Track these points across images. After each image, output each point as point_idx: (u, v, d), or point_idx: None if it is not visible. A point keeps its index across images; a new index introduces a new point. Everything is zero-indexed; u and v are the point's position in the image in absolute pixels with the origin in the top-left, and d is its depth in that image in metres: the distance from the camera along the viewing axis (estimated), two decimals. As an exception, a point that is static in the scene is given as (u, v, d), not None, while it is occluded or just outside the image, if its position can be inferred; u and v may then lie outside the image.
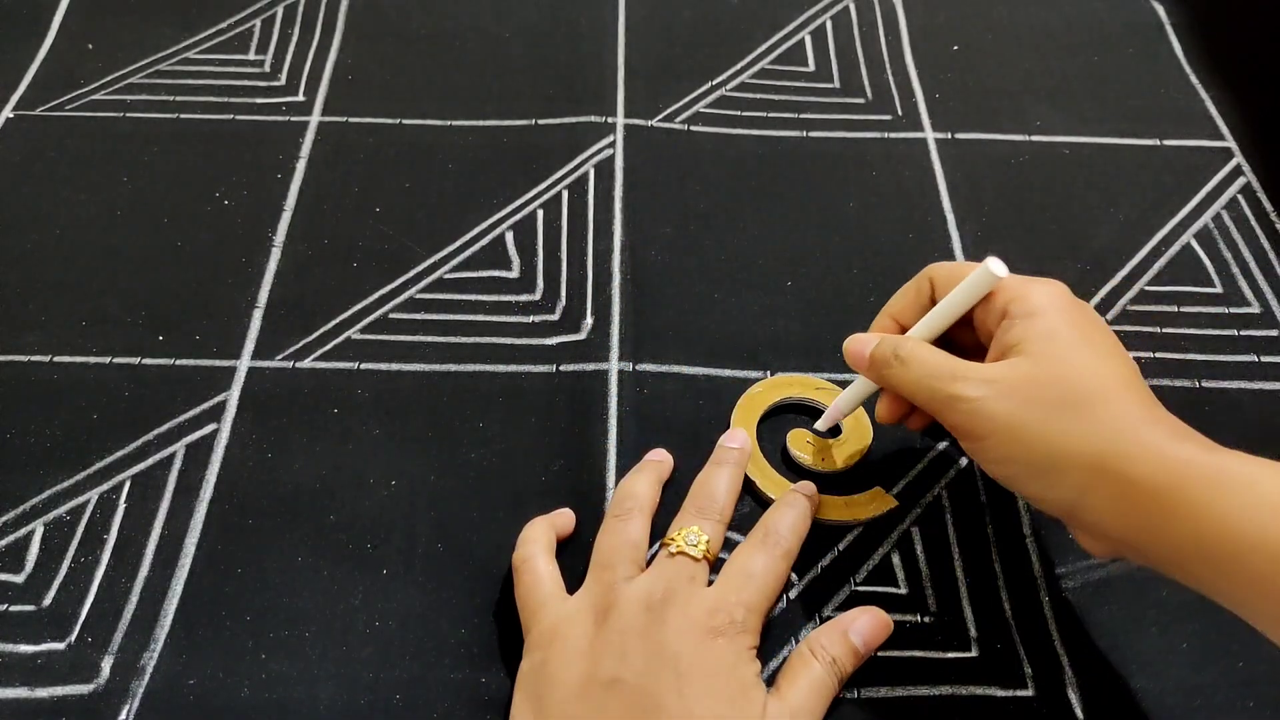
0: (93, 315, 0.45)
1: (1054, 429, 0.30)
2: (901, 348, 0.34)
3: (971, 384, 0.32)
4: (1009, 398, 0.31)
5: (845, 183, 0.52)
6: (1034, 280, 0.34)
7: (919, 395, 0.34)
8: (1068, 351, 0.31)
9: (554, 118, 0.54)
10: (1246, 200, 0.51)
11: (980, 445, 0.32)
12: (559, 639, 0.33)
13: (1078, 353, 0.31)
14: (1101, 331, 0.33)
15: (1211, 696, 0.36)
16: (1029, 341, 0.32)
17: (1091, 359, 0.31)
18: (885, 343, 0.35)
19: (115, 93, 0.55)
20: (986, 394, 0.31)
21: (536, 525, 0.38)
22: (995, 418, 0.31)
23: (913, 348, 0.34)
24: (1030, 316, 0.32)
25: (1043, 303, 0.33)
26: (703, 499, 0.37)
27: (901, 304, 0.37)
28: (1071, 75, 0.58)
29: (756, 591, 0.34)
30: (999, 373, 0.32)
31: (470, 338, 0.45)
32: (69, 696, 0.35)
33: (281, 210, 0.50)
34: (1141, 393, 0.31)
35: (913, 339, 0.35)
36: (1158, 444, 0.29)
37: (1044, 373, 0.31)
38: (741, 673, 0.32)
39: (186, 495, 0.40)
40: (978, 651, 0.36)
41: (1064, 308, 0.33)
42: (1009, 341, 0.32)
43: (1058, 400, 0.31)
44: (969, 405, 0.32)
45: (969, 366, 0.33)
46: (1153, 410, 0.31)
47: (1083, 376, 0.31)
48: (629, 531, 0.36)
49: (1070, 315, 0.33)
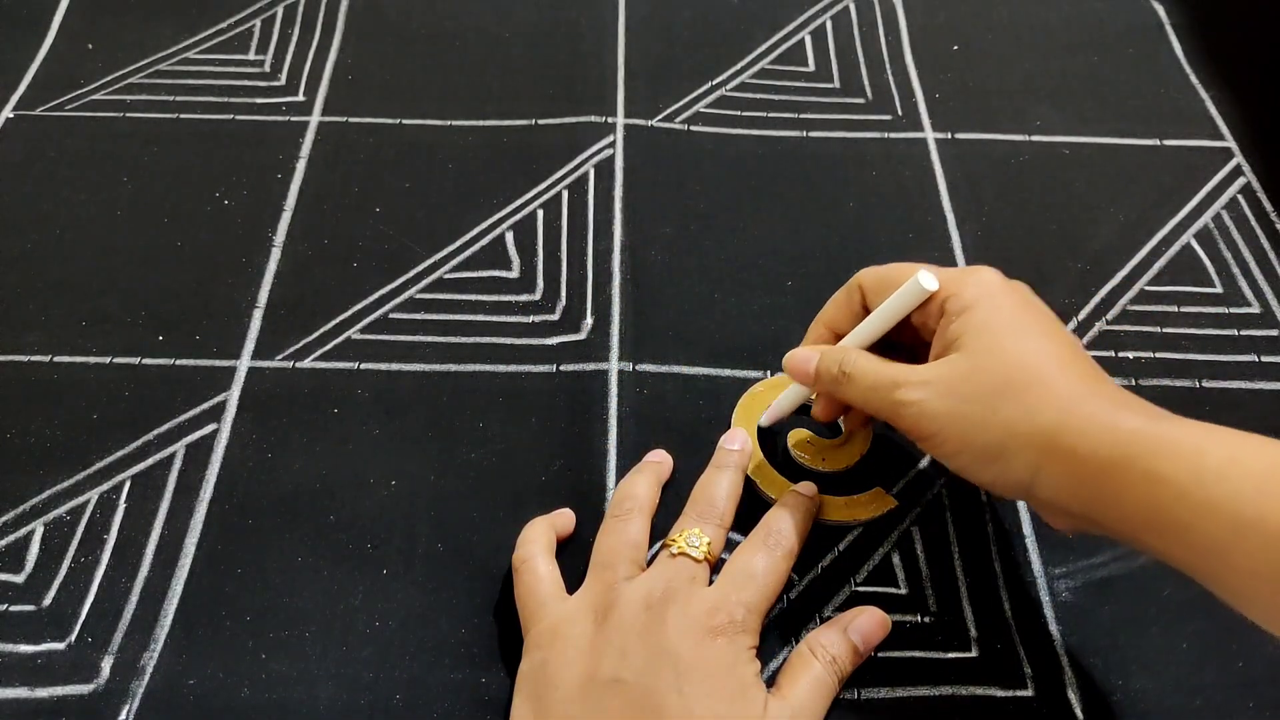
0: (93, 315, 0.45)
1: (997, 417, 0.31)
2: (845, 363, 0.35)
3: (912, 388, 0.33)
4: (949, 395, 0.32)
5: (845, 183, 0.52)
6: (966, 272, 0.35)
7: (868, 406, 0.35)
8: (1002, 340, 0.32)
9: (554, 118, 0.54)
10: (1246, 200, 0.51)
11: (931, 442, 0.33)
12: (559, 639, 0.33)
13: (1012, 339, 0.32)
14: (1036, 313, 0.34)
15: (1212, 697, 0.36)
16: (965, 336, 0.33)
17: (1026, 343, 0.32)
18: (827, 358, 0.36)
19: (115, 93, 0.55)
20: (927, 395, 0.32)
21: (536, 525, 0.38)
22: (938, 416, 0.32)
23: (854, 360, 0.35)
24: (964, 312, 0.33)
25: (975, 295, 0.33)
26: (704, 503, 0.37)
27: (834, 313, 0.38)
28: (1071, 75, 0.58)
29: (757, 591, 0.34)
30: (937, 372, 0.33)
31: (470, 338, 0.45)
32: (69, 696, 0.35)
33: (281, 210, 0.50)
34: (1082, 367, 0.32)
35: (852, 350, 0.36)
36: (1103, 416, 0.30)
37: (980, 364, 0.32)
38: (741, 672, 0.32)
39: (186, 495, 0.40)
40: (978, 651, 0.36)
41: (996, 296, 0.33)
42: (948, 339, 0.33)
43: (996, 388, 0.31)
44: (914, 409, 0.33)
45: (908, 371, 0.33)
46: (1095, 384, 0.31)
47: (1018, 362, 0.32)
48: (629, 532, 0.36)
49: (1002, 303, 0.33)
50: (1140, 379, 0.44)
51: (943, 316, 0.34)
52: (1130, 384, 0.44)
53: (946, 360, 0.33)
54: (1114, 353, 0.45)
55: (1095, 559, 0.39)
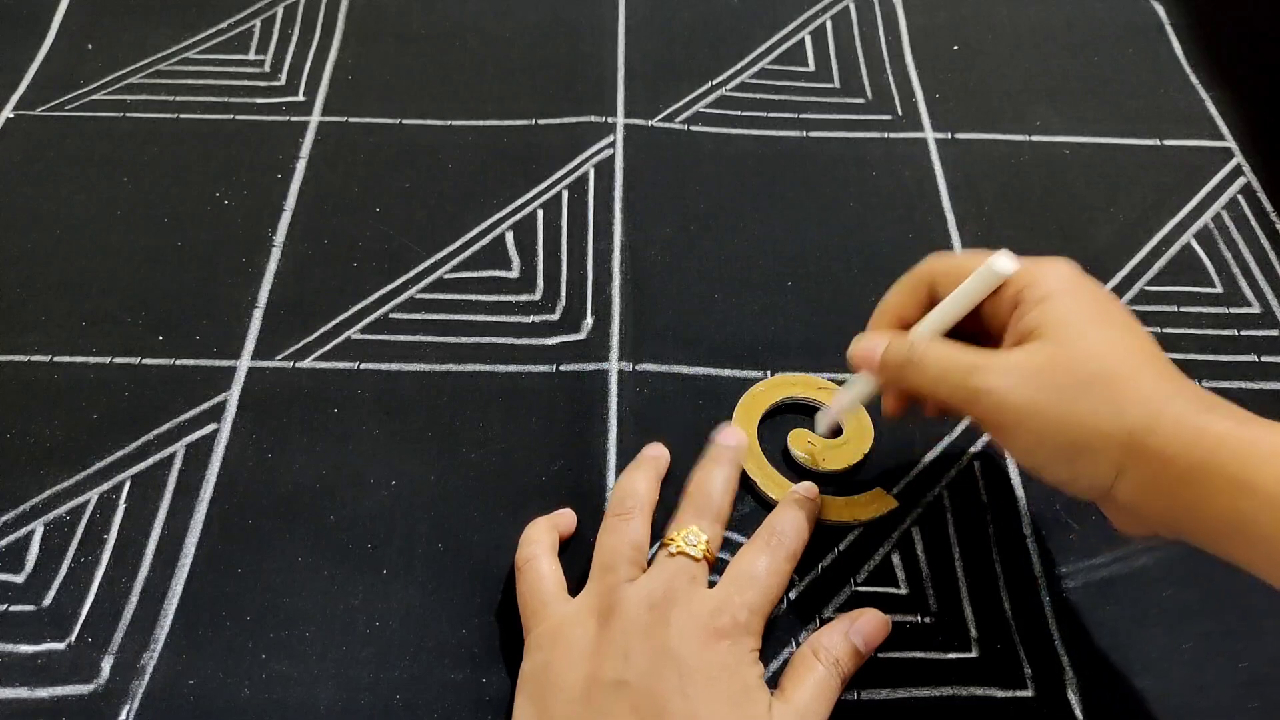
0: (93, 315, 0.45)
1: (1081, 411, 0.30)
2: (915, 347, 0.34)
3: (993, 374, 0.31)
4: (1032, 384, 0.30)
5: (845, 183, 0.52)
6: (1043, 262, 0.33)
7: (939, 392, 0.33)
8: (1086, 331, 0.31)
9: (554, 118, 0.54)
10: (1246, 200, 0.51)
11: (1008, 435, 0.32)
12: (562, 640, 0.33)
13: (1096, 332, 0.31)
14: (1117, 308, 0.33)
15: (1214, 697, 0.35)
16: (1046, 326, 0.31)
17: (1111, 336, 0.31)
18: (897, 343, 0.34)
19: (115, 93, 0.55)
20: (1009, 383, 0.31)
21: (538, 526, 0.38)
22: (1020, 406, 0.30)
23: (926, 346, 0.33)
24: (1044, 300, 0.32)
25: (1056, 285, 0.32)
26: (700, 498, 0.37)
27: (902, 300, 0.36)
28: (1071, 75, 0.58)
29: (760, 593, 0.34)
30: (1019, 360, 0.31)
31: (470, 338, 0.45)
32: (69, 696, 0.35)
33: (281, 210, 0.50)
34: (1164, 365, 0.31)
35: (924, 336, 0.34)
36: (1191, 417, 0.29)
37: (1065, 355, 0.30)
38: (745, 674, 0.32)
39: (186, 495, 0.40)
40: (978, 652, 0.36)
41: (1077, 288, 0.32)
42: (1025, 328, 0.32)
43: (1082, 381, 0.30)
44: (993, 397, 0.31)
45: (987, 356, 0.32)
46: (1178, 382, 0.30)
47: (1104, 355, 0.30)
48: (630, 532, 0.36)
49: (1084, 294, 0.32)
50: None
51: (1019, 305, 0.32)
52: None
53: (1028, 348, 0.31)
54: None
55: (1095, 559, 0.39)
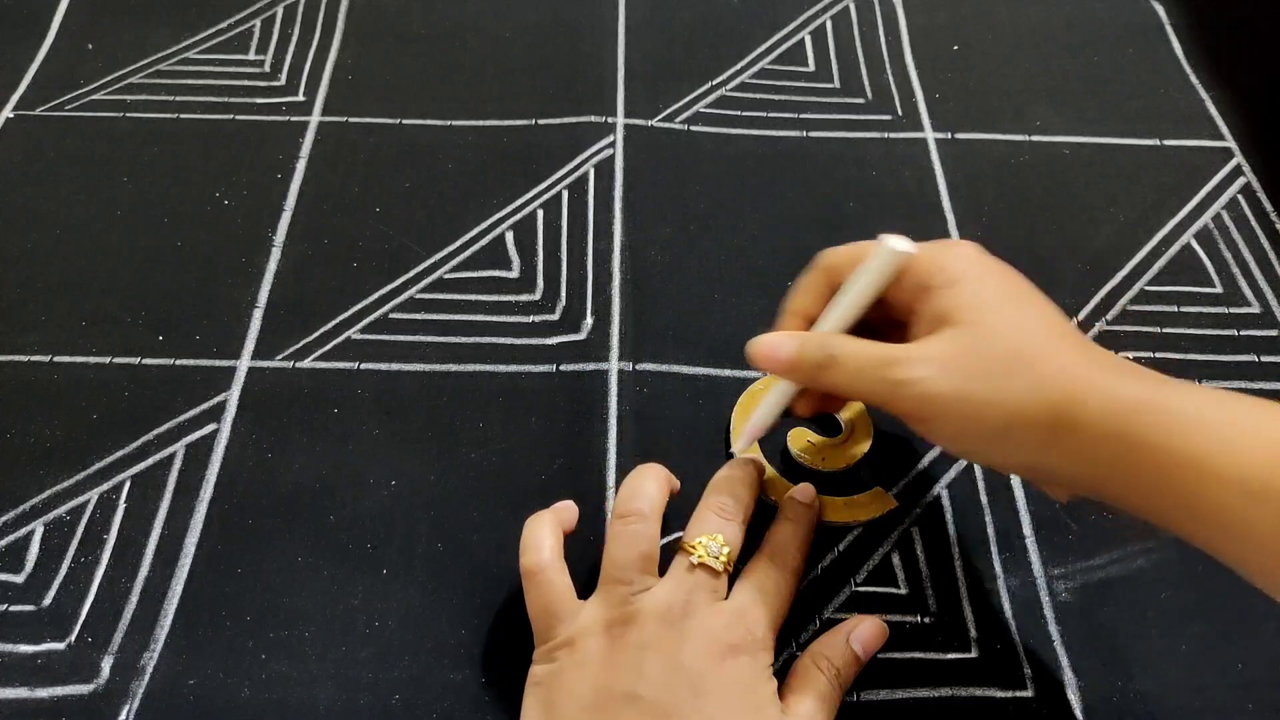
0: (93, 315, 0.45)
1: (1004, 392, 0.30)
2: (829, 345, 0.33)
3: (912, 365, 0.31)
4: (952, 371, 0.30)
5: (845, 183, 0.52)
6: (944, 245, 0.34)
7: (859, 389, 0.33)
8: (998, 313, 0.31)
9: (554, 118, 0.54)
10: (1246, 200, 0.51)
11: (933, 425, 0.31)
12: (575, 650, 0.32)
13: (1008, 312, 0.31)
14: (1024, 286, 0.33)
15: (1211, 698, 0.36)
16: (957, 311, 0.31)
17: (1022, 315, 0.31)
18: (811, 343, 0.34)
19: (115, 93, 0.55)
20: (929, 373, 0.30)
21: (543, 527, 0.36)
22: (943, 395, 0.30)
23: (839, 343, 0.33)
24: (952, 285, 0.32)
25: (962, 268, 0.32)
26: (725, 497, 0.36)
27: (804, 299, 0.36)
28: (1071, 75, 0.58)
29: (770, 608, 0.34)
30: (937, 349, 0.31)
31: (470, 338, 0.45)
32: (69, 696, 0.35)
33: (281, 210, 0.50)
34: (1076, 338, 0.31)
35: (835, 334, 0.34)
36: (1107, 387, 0.29)
37: (981, 338, 0.30)
38: (759, 691, 0.32)
39: (186, 495, 0.40)
40: (977, 652, 0.37)
41: (983, 270, 0.32)
42: (936, 315, 0.32)
43: (1001, 363, 0.30)
44: (915, 389, 0.31)
45: (903, 349, 0.31)
46: (1092, 353, 0.31)
47: (1018, 334, 0.31)
48: (639, 540, 0.34)
49: (991, 276, 0.32)
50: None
51: (926, 292, 0.32)
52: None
53: (944, 336, 0.31)
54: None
55: (1095, 560, 0.39)
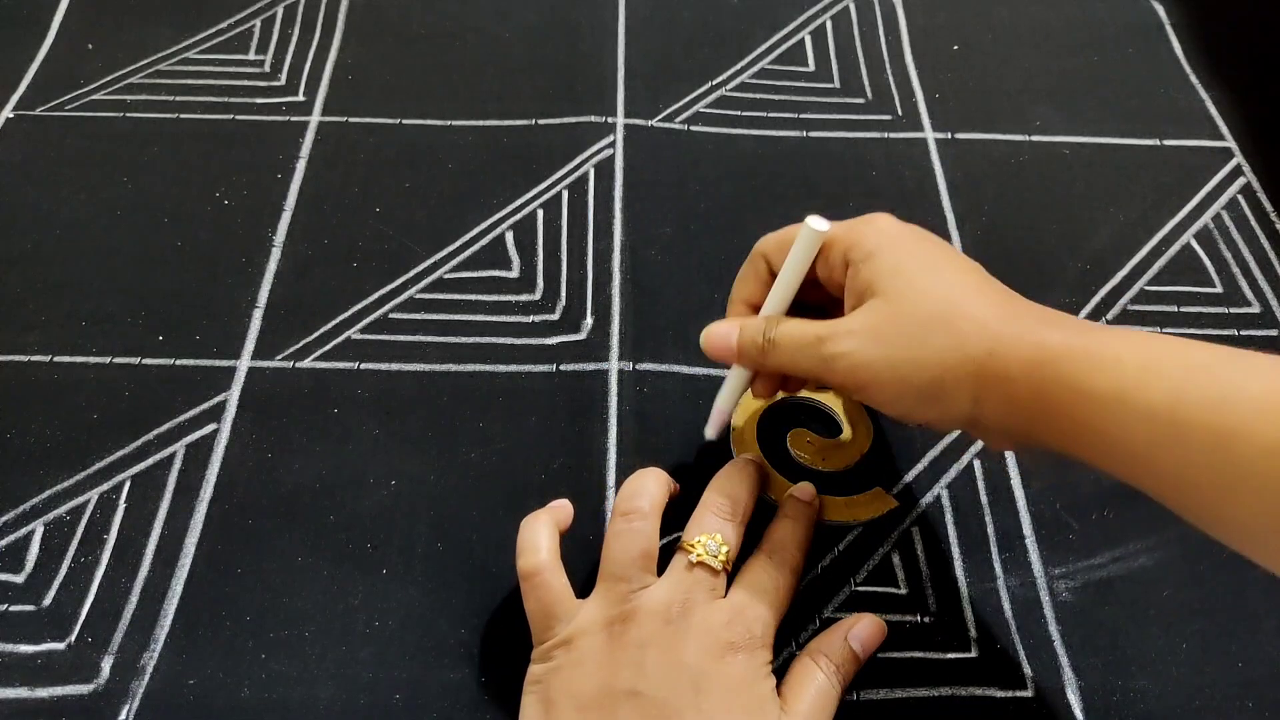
0: (93, 315, 0.45)
1: (927, 353, 0.31)
2: (768, 329, 0.35)
3: (840, 339, 0.32)
4: (877, 340, 0.32)
5: (845, 183, 0.52)
6: (861, 221, 0.35)
7: (798, 367, 0.34)
8: (915, 278, 0.32)
9: (554, 118, 0.54)
10: (1246, 200, 0.51)
11: (867, 392, 0.33)
12: (574, 649, 0.33)
13: (926, 276, 0.32)
14: (940, 250, 0.34)
15: (1211, 697, 0.36)
16: (877, 282, 0.32)
17: (940, 278, 0.32)
18: (747, 329, 0.36)
19: (115, 93, 0.55)
20: (856, 344, 0.32)
21: (540, 528, 0.36)
22: (872, 363, 0.32)
23: (776, 326, 0.35)
24: (870, 258, 0.33)
25: (878, 241, 0.33)
26: (725, 497, 0.36)
27: (745, 287, 0.38)
28: (1071, 75, 0.58)
29: (770, 606, 0.34)
30: (860, 320, 0.32)
31: (470, 337, 0.45)
32: (69, 696, 0.35)
33: (281, 210, 0.50)
34: (998, 293, 0.32)
35: (772, 316, 0.36)
36: (1029, 335, 0.30)
37: (901, 306, 0.32)
38: (759, 688, 0.32)
39: (186, 495, 0.40)
40: (977, 652, 0.37)
41: (898, 239, 0.34)
42: (859, 288, 0.33)
43: (923, 326, 0.31)
44: (845, 360, 0.32)
45: (831, 325, 0.33)
46: (1014, 305, 0.32)
47: (936, 296, 0.32)
48: (639, 538, 0.35)
49: (906, 244, 0.33)
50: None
51: (849, 267, 0.34)
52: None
53: (866, 307, 0.33)
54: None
55: (1095, 559, 0.39)
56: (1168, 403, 0.27)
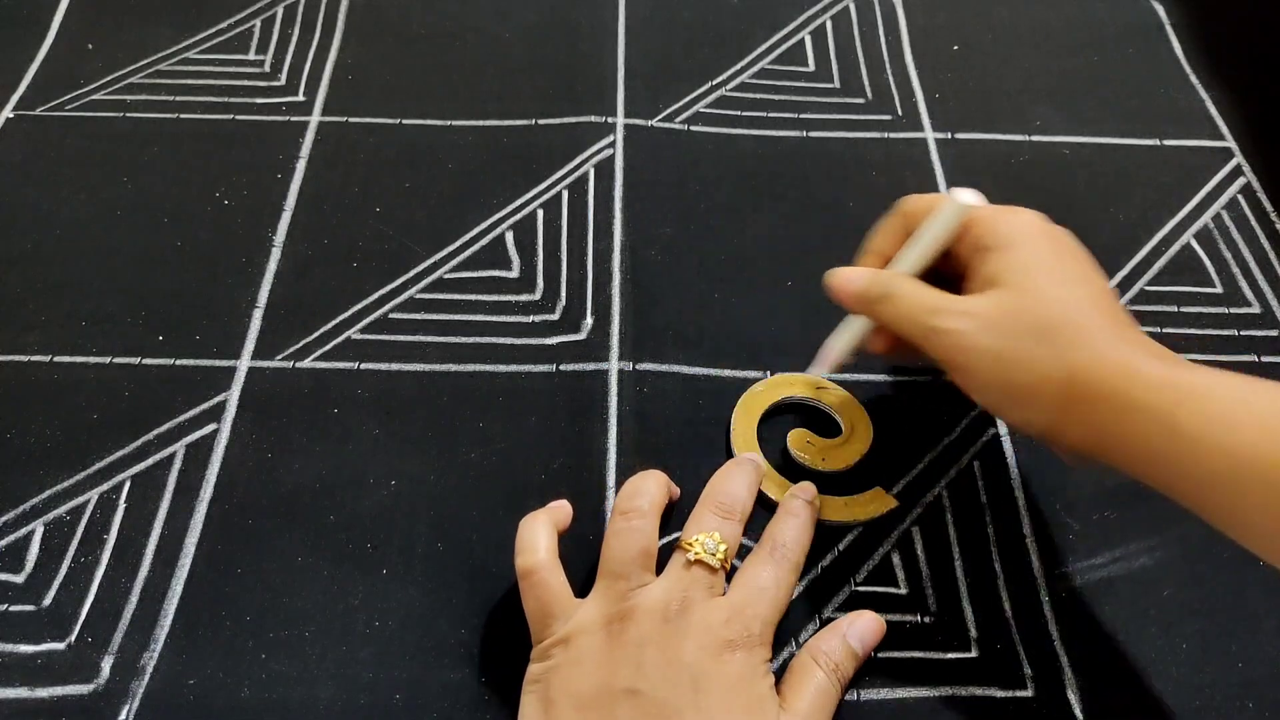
0: (93, 315, 0.45)
1: (1026, 357, 0.32)
2: (890, 283, 0.35)
3: (953, 317, 0.33)
4: (986, 330, 0.32)
5: (845, 183, 0.52)
6: (1006, 211, 0.35)
7: (905, 329, 0.35)
8: (1041, 281, 0.33)
9: (554, 118, 0.54)
10: (1246, 200, 0.51)
11: (964, 375, 0.33)
12: (573, 648, 0.33)
13: (1050, 281, 0.33)
14: (1074, 257, 0.34)
15: (1211, 697, 0.36)
16: (1005, 273, 0.33)
17: (1064, 286, 0.33)
18: (873, 279, 0.36)
19: (115, 93, 0.55)
20: (966, 326, 0.33)
21: (538, 528, 0.36)
22: (976, 349, 0.32)
23: (899, 283, 0.35)
24: (1005, 249, 0.34)
25: (1016, 234, 0.34)
26: (723, 496, 0.37)
27: (883, 240, 0.38)
28: (1071, 75, 0.58)
29: (769, 604, 0.34)
30: (978, 306, 0.33)
31: (470, 337, 0.45)
32: (69, 696, 0.35)
33: (281, 210, 0.50)
34: (1115, 313, 0.33)
35: (899, 274, 0.36)
36: (1127, 362, 0.31)
37: (1019, 304, 0.32)
38: (757, 686, 0.32)
39: (186, 495, 0.40)
40: (977, 652, 0.37)
41: (1036, 236, 0.34)
42: (987, 274, 0.33)
43: (1032, 329, 0.32)
44: (951, 339, 0.33)
45: (950, 300, 0.34)
46: (1124, 329, 0.32)
47: (1055, 304, 0.32)
48: (639, 536, 0.35)
49: (1042, 244, 0.34)
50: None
51: (983, 251, 0.34)
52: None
53: (988, 295, 0.33)
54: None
55: (1095, 559, 0.39)
56: (1257, 446, 0.27)
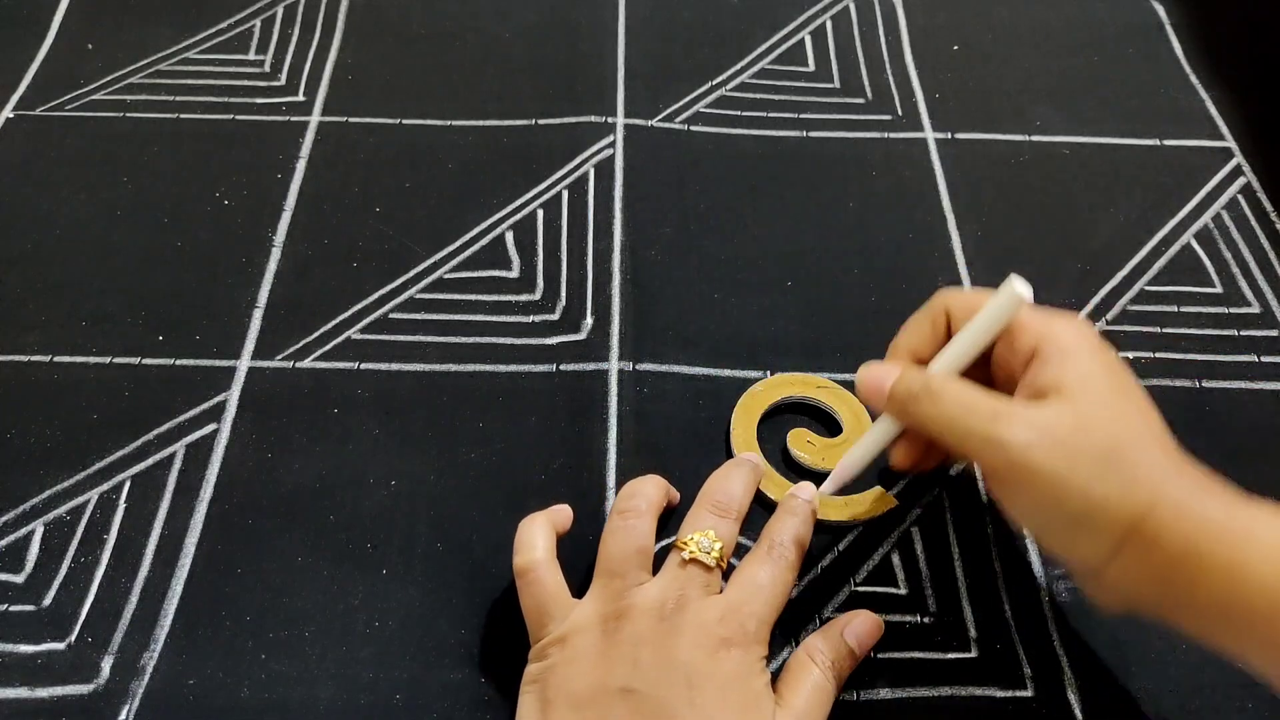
0: (93, 315, 0.45)
1: (1094, 485, 0.29)
2: (932, 380, 0.32)
3: (1017, 426, 0.30)
4: (1053, 447, 0.29)
5: (845, 183, 0.52)
6: (1059, 316, 0.33)
7: (951, 434, 0.31)
8: (1107, 398, 0.30)
9: (554, 118, 0.54)
10: (1246, 200, 0.51)
11: (1014, 491, 0.31)
12: (569, 646, 0.33)
13: (1115, 400, 0.30)
14: (1128, 375, 0.32)
15: (1211, 697, 0.36)
16: (1068, 386, 0.30)
17: (1127, 407, 0.30)
18: (911, 375, 0.33)
19: (115, 93, 0.55)
20: (1030, 439, 0.29)
21: (536, 528, 0.36)
22: (1040, 468, 0.29)
23: (945, 380, 0.32)
24: (1065, 357, 0.31)
25: (1076, 343, 0.31)
26: (720, 495, 0.37)
27: (916, 337, 0.35)
28: (1071, 75, 0.58)
29: (765, 603, 0.34)
30: (1045, 419, 0.30)
31: (470, 337, 0.45)
32: (69, 696, 0.35)
33: (281, 210, 0.50)
34: (1165, 439, 0.31)
35: (942, 371, 0.33)
36: (1189, 500, 0.28)
37: (1085, 422, 0.29)
38: (753, 684, 0.32)
39: (186, 495, 0.40)
40: (977, 652, 0.37)
41: (1096, 349, 0.32)
42: (1044, 384, 0.31)
43: (1100, 455, 0.29)
44: (1010, 451, 0.30)
45: (1011, 407, 0.30)
46: (1179, 462, 0.30)
47: (1121, 427, 0.30)
48: (635, 535, 0.35)
49: (1102, 358, 0.31)
50: (1140, 379, 0.44)
51: (1035, 358, 0.31)
52: (1130, 384, 0.44)
53: (1054, 407, 0.30)
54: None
55: (1095, 559, 0.39)
56: None
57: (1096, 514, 0.29)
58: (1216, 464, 0.30)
